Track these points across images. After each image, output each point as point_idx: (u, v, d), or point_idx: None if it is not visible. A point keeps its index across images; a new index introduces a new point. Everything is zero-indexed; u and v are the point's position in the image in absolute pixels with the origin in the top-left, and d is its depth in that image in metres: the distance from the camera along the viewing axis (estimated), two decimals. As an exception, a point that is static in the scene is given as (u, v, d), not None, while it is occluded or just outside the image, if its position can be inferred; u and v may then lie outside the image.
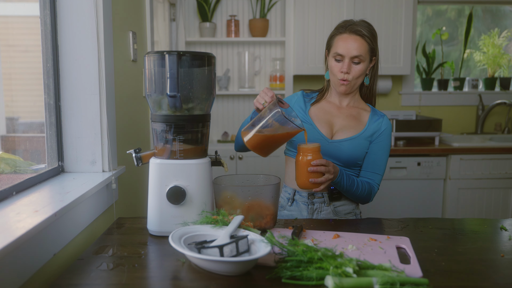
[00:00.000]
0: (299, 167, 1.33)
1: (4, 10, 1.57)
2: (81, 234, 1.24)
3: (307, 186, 1.33)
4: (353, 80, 1.53)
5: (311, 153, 1.32)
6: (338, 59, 1.51)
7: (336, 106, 1.61)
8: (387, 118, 1.63)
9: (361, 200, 1.55)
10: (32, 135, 1.58)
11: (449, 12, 3.57)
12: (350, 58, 1.50)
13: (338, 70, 1.51)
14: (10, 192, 1.14)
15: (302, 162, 1.32)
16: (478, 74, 3.64)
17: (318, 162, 1.31)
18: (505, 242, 1.18)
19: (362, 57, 1.51)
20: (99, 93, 1.43)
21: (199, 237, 1.07)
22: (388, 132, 1.60)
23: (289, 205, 1.58)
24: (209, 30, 3.19)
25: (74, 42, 1.40)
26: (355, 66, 1.51)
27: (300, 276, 0.90)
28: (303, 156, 1.32)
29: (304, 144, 1.33)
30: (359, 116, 1.61)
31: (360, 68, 1.52)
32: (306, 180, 1.32)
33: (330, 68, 1.55)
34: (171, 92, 1.15)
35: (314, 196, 1.55)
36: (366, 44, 1.52)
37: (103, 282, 0.93)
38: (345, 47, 1.50)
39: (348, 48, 1.50)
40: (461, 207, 2.88)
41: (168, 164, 1.20)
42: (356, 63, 1.51)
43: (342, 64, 1.50)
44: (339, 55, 1.51)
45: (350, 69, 1.50)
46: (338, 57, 1.51)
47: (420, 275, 0.94)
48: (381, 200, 2.86)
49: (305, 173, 1.31)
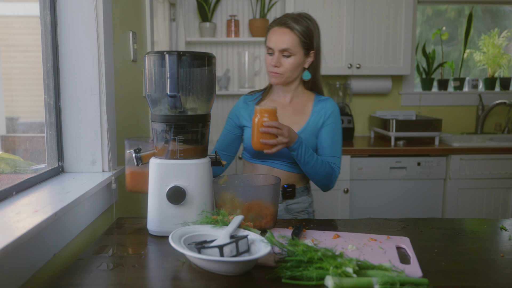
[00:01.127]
0: (254, 127, 1.38)
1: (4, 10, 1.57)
2: (81, 234, 1.24)
3: (258, 147, 1.38)
4: (286, 73, 1.53)
5: (267, 113, 1.36)
6: (269, 52, 1.54)
7: (281, 104, 1.62)
8: (331, 100, 1.62)
9: (322, 181, 1.53)
10: (32, 135, 1.58)
11: (449, 12, 3.57)
12: (279, 51, 1.51)
13: (269, 63, 1.55)
14: (10, 192, 1.14)
15: (255, 123, 1.37)
16: (478, 74, 3.64)
17: (271, 123, 1.36)
18: (505, 242, 1.18)
19: (291, 50, 1.51)
20: (99, 93, 1.43)
21: (199, 237, 1.07)
22: (336, 114, 1.60)
23: None
24: (209, 30, 3.19)
25: (74, 42, 1.40)
26: (286, 59, 1.52)
27: (300, 276, 0.90)
28: (258, 118, 1.37)
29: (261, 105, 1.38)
30: (303, 109, 1.62)
31: (292, 61, 1.52)
32: (258, 141, 1.36)
33: (265, 61, 1.58)
34: (171, 92, 1.15)
35: None
36: (295, 37, 1.51)
37: (103, 282, 0.93)
38: (273, 40, 1.52)
39: (276, 41, 1.51)
40: (461, 207, 2.88)
41: (168, 164, 1.20)
42: (286, 56, 1.52)
43: (273, 57, 1.53)
44: (270, 48, 1.54)
45: (280, 62, 1.52)
46: (269, 50, 1.54)
47: (420, 275, 0.94)
48: (381, 200, 2.86)
49: (258, 134, 1.36)
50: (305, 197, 1.66)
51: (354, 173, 2.82)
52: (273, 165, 1.59)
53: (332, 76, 3.35)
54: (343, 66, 3.06)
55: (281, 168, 1.59)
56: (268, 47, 1.54)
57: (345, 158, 2.80)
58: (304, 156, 1.45)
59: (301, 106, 1.61)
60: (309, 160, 1.46)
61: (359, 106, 3.44)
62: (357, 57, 3.06)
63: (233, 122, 1.65)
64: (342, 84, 3.28)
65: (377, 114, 3.32)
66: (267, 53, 1.55)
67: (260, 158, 1.59)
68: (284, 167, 1.59)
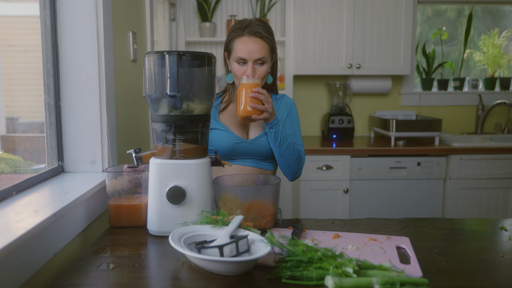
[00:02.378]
0: (241, 97, 1.44)
1: (4, 10, 1.57)
2: (81, 234, 1.24)
3: (247, 113, 1.43)
4: (262, 81, 1.54)
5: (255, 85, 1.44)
6: (240, 62, 1.52)
7: None
8: (286, 96, 1.68)
9: (293, 165, 1.57)
10: (32, 135, 1.58)
11: (449, 12, 3.57)
12: (253, 61, 1.51)
13: (241, 73, 1.52)
14: (10, 192, 1.14)
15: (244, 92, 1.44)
16: (478, 74, 3.64)
17: (260, 89, 1.42)
18: (505, 242, 1.18)
19: (264, 58, 1.52)
20: (99, 93, 1.43)
21: (199, 237, 1.07)
22: (295, 107, 1.67)
23: None
24: (209, 30, 3.19)
25: (74, 42, 1.40)
26: (259, 68, 1.53)
27: (300, 276, 0.90)
28: (246, 88, 1.44)
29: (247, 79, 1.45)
30: None
31: (264, 69, 1.54)
32: (246, 108, 1.43)
33: (234, 72, 1.55)
34: (171, 92, 1.15)
35: None
36: (266, 45, 1.53)
37: (103, 282, 0.93)
38: (247, 51, 1.50)
39: (250, 51, 1.50)
40: (461, 207, 2.88)
41: (168, 164, 1.20)
42: (260, 64, 1.52)
43: (246, 67, 1.52)
44: (241, 59, 1.51)
45: (255, 71, 1.52)
46: (241, 61, 1.52)
47: (420, 275, 0.94)
48: (381, 200, 2.86)
49: (247, 100, 1.43)
50: None
51: (354, 173, 2.82)
52: (245, 163, 1.60)
53: (332, 76, 3.35)
54: (343, 66, 3.06)
55: (253, 165, 1.60)
56: (240, 58, 1.51)
57: (345, 158, 2.80)
58: (281, 134, 1.50)
59: None
60: (284, 140, 1.51)
61: (359, 106, 3.44)
62: (357, 57, 3.06)
63: None
64: (342, 84, 3.28)
65: (377, 114, 3.32)
66: (237, 63, 1.53)
67: (231, 158, 1.59)
68: (256, 164, 1.60)
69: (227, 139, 1.56)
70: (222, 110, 1.63)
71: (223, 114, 1.62)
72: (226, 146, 1.56)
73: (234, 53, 1.53)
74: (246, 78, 1.46)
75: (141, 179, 1.30)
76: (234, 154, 1.57)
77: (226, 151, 1.56)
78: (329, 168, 2.81)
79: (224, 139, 1.56)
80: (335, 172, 2.82)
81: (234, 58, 1.54)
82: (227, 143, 1.55)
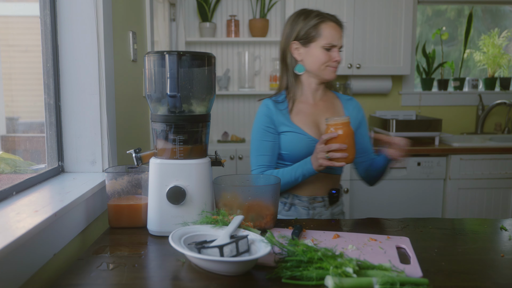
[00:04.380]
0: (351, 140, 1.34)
1: (4, 10, 1.57)
2: (81, 234, 1.24)
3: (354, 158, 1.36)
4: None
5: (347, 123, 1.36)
6: (328, 48, 1.50)
7: (311, 104, 1.58)
8: (354, 99, 1.66)
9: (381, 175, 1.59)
10: (32, 135, 1.58)
11: (449, 12, 3.57)
12: (339, 47, 1.52)
13: (329, 59, 1.50)
14: (10, 192, 1.14)
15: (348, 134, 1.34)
16: (478, 74, 3.64)
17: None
18: (505, 242, 1.18)
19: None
20: (99, 93, 1.43)
21: (199, 237, 1.07)
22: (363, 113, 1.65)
23: (285, 210, 1.55)
24: (209, 30, 3.19)
25: (74, 42, 1.40)
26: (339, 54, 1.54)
27: (300, 276, 0.90)
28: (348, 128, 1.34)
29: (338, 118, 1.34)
30: (333, 106, 1.62)
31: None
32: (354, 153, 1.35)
33: (318, 59, 1.50)
34: (171, 92, 1.15)
35: (315, 201, 1.54)
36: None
37: (103, 282, 0.93)
38: (337, 36, 1.51)
39: (339, 37, 1.52)
40: (461, 207, 2.88)
41: (168, 164, 1.20)
42: (340, 51, 1.54)
43: (333, 53, 1.51)
44: (332, 45, 1.50)
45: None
46: (330, 47, 1.50)
47: (420, 275, 0.94)
48: (381, 200, 2.86)
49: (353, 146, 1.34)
50: (341, 198, 1.64)
51: (354, 173, 2.82)
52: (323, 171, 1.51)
53: (332, 76, 3.35)
54: (343, 66, 3.06)
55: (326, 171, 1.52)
56: (331, 44, 1.49)
57: (345, 158, 2.80)
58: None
59: (331, 104, 1.61)
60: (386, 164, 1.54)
61: (359, 106, 3.44)
62: (357, 57, 3.06)
63: (273, 129, 1.52)
64: (342, 84, 3.28)
65: (377, 114, 3.32)
66: (323, 49, 1.49)
67: None
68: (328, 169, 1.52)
69: (302, 142, 1.48)
70: (292, 110, 1.54)
71: (294, 115, 1.54)
72: (302, 149, 1.48)
73: (321, 38, 1.49)
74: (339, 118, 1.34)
75: (141, 180, 1.30)
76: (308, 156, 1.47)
77: (301, 155, 1.49)
78: (329, 168, 2.81)
79: (299, 141, 1.48)
80: (335, 172, 2.82)
81: (320, 43, 1.49)
82: (303, 145, 1.48)
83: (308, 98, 1.58)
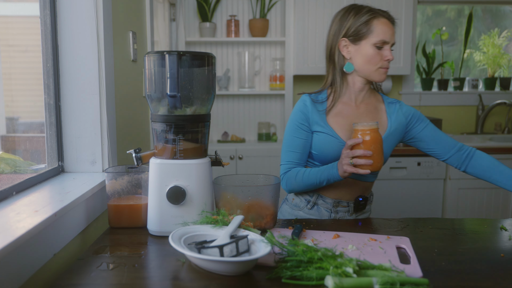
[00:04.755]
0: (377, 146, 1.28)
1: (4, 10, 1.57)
2: (81, 234, 1.24)
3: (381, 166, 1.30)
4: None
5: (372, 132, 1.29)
6: (380, 46, 1.40)
7: (352, 107, 1.48)
8: (403, 102, 1.53)
9: None
10: (32, 135, 1.58)
11: (449, 12, 3.57)
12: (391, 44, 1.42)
13: (381, 58, 1.41)
14: (10, 192, 1.14)
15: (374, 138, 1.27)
16: (478, 74, 3.64)
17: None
18: (505, 242, 1.18)
19: None
20: (99, 93, 1.43)
21: (199, 237, 1.07)
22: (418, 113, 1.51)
23: (308, 208, 1.50)
24: (209, 30, 3.19)
25: (74, 42, 1.40)
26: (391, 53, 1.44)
27: (300, 276, 0.90)
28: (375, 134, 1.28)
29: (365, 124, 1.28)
30: (376, 109, 1.51)
31: None
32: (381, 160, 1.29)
33: (369, 57, 1.41)
34: (171, 92, 1.15)
35: (339, 205, 1.48)
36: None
37: (103, 282, 0.93)
38: (390, 33, 1.41)
39: (392, 34, 1.41)
40: (461, 207, 2.88)
41: (168, 164, 1.20)
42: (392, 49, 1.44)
43: (385, 51, 1.40)
44: (384, 42, 1.40)
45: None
46: (382, 44, 1.40)
47: (420, 275, 0.94)
48: (381, 200, 2.86)
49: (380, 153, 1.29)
50: (369, 206, 1.57)
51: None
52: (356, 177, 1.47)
53: (332, 76, 3.35)
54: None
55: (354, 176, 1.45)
56: (384, 41, 1.39)
57: (345, 158, 2.80)
58: None
59: (374, 108, 1.51)
60: None
61: (359, 106, 3.44)
62: (357, 57, 3.05)
63: (307, 127, 1.45)
64: (342, 84, 3.28)
65: (377, 114, 3.32)
66: (375, 47, 1.40)
67: None
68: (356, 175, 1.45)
69: (333, 145, 1.42)
70: (330, 109, 1.46)
71: (332, 116, 1.46)
72: (332, 152, 1.42)
73: (373, 35, 1.39)
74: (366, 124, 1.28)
75: (141, 180, 1.30)
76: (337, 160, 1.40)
77: (331, 157, 1.43)
78: (329, 168, 2.81)
79: (330, 144, 1.42)
80: (335, 172, 2.82)
81: (372, 41, 1.39)
82: (333, 148, 1.42)
83: (351, 99, 1.49)
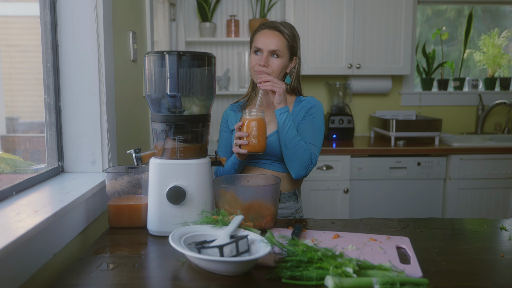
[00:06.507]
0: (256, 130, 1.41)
1: (4, 10, 1.57)
2: (81, 234, 1.24)
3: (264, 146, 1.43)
4: (274, 73, 1.56)
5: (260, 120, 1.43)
6: (257, 52, 1.57)
7: (264, 107, 1.64)
8: (313, 98, 1.66)
9: (299, 160, 1.49)
10: (32, 135, 1.58)
11: (449, 12, 3.57)
12: (268, 51, 1.55)
13: (255, 63, 1.56)
14: (10, 192, 1.14)
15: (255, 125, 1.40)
16: (478, 74, 3.64)
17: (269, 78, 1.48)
18: (505, 242, 1.18)
19: (279, 52, 1.56)
20: (99, 93, 1.43)
21: (199, 237, 1.07)
22: (317, 109, 1.62)
23: None
24: (209, 30, 3.19)
25: (74, 42, 1.40)
26: (274, 60, 1.56)
27: (300, 276, 0.90)
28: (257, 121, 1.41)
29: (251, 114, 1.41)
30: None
31: (279, 62, 1.56)
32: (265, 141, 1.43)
33: (250, 62, 1.60)
34: (171, 92, 1.15)
35: None
36: (284, 40, 1.57)
37: (103, 282, 0.93)
38: (264, 42, 1.55)
39: (267, 42, 1.55)
40: (461, 207, 2.88)
41: (168, 164, 1.20)
42: (274, 57, 1.56)
43: (261, 56, 1.56)
44: (259, 49, 1.56)
45: (268, 62, 1.55)
46: (257, 50, 1.57)
47: (420, 275, 0.95)
48: (381, 200, 2.86)
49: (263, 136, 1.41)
50: (292, 203, 1.62)
51: (354, 173, 2.82)
52: (260, 166, 1.60)
53: (332, 76, 3.35)
54: (343, 66, 3.06)
55: (267, 167, 1.59)
56: (257, 48, 1.56)
57: (345, 158, 2.80)
58: (290, 125, 1.47)
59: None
60: (292, 134, 1.47)
61: (359, 106, 3.44)
62: (357, 57, 3.06)
63: (227, 129, 1.69)
64: (342, 84, 3.28)
65: (377, 114, 3.32)
66: (253, 54, 1.58)
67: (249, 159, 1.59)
68: (271, 166, 1.59)
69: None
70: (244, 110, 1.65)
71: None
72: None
73: (253, 44, 1.59)
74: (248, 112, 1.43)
75: (141, 180, 1.30)
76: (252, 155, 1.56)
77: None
78: (329, 168, 2.81)
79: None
80: (335, 172, 2.82)
81: (252, 49, 1.59)
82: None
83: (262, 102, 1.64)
